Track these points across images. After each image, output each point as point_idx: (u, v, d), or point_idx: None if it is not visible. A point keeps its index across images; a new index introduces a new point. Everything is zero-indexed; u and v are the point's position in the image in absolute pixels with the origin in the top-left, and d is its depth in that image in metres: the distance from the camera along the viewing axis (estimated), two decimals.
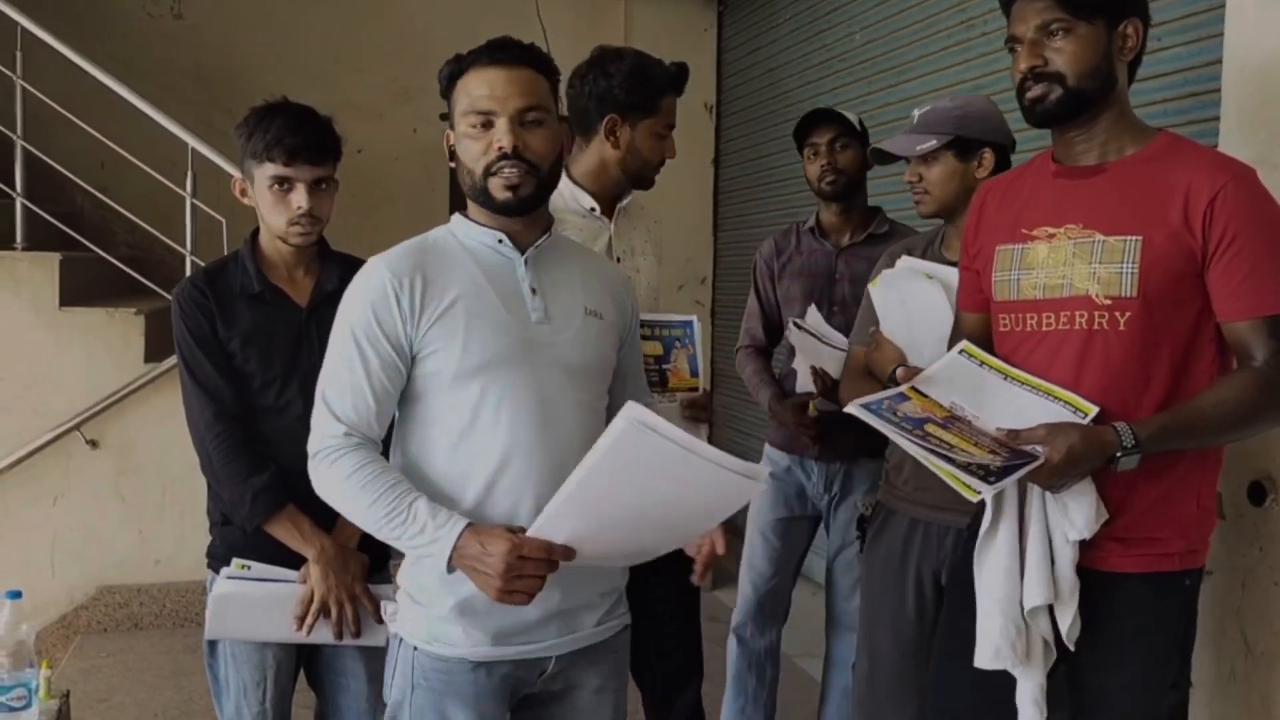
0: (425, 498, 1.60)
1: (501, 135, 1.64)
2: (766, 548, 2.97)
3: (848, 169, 2.83)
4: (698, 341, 2.38)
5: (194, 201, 4.30)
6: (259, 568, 2.06)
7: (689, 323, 2.38)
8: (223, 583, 2.07)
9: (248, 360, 2.09)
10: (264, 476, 2.05)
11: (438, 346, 1.65)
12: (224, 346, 2.09)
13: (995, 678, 1.72)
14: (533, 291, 1.71)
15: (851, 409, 1.70)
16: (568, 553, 1.53)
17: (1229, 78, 2.17)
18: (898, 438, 1.64)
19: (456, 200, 5.72)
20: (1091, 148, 1.76)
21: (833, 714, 2.89)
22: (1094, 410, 1.66)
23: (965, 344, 1.84)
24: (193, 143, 4.27)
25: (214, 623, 2.07)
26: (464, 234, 1.74)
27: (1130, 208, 1.69)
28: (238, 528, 2.09)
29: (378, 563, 2.16)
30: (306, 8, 5.48)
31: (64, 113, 4.29)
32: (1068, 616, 1.68)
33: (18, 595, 1.96)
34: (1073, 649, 1.70)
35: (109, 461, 4.24)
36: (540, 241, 1.75)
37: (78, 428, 4.14)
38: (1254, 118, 2.10)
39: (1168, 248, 1.66)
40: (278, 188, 2.07)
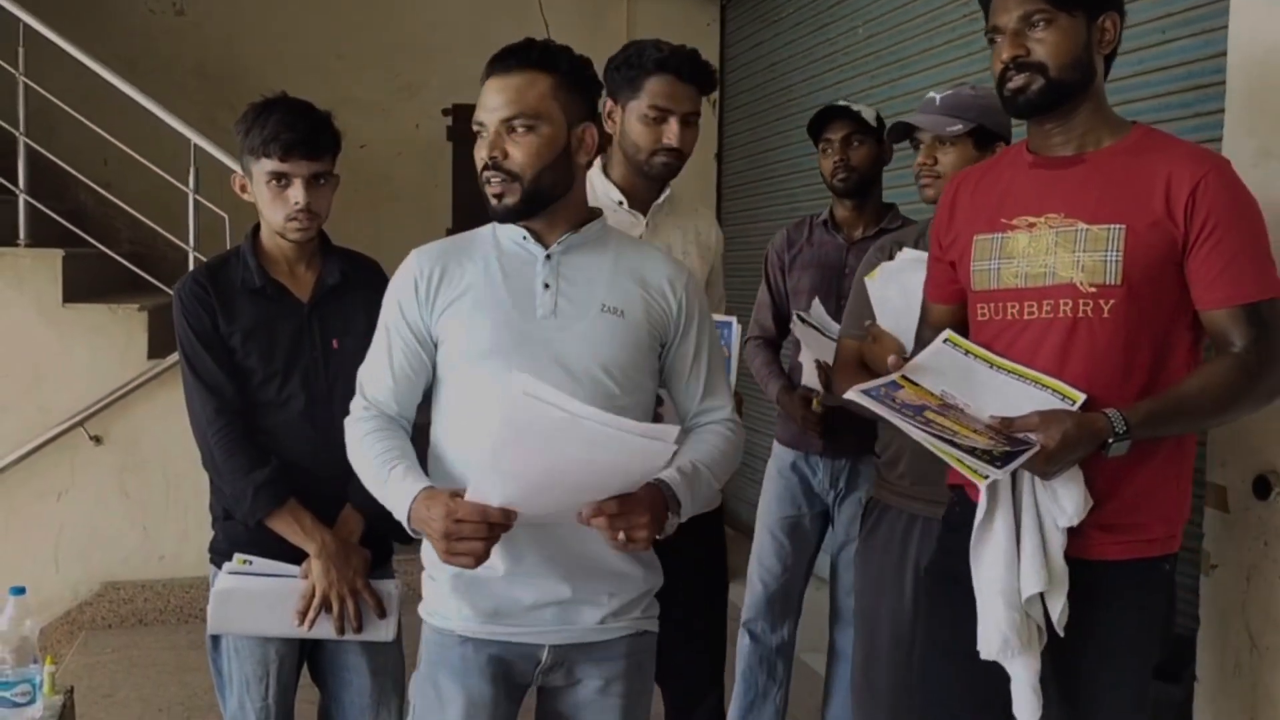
0: (405, 464, 1.70)
1: (482, 147, 1.71)
2: (775, 545, 2.97)
3: (860, 166, 2.83)
4: (735, 345, 2.29)
5: (196, 198, 4.31)
6: (261, 563, 2.07)
7: (728, 324, 2.28)
8: (224, 578, 2.08)
9: (249, 355, 2.09)
10: (265, 471, 2.05)
11: (448, 334, 1.75)
12: (225, 342, 2.09)
13: (983, 666, 1.73)
14: (545, 286, 1.74)
15: (852, 395, 1.70)
16: (506, 515, 1.56)
17: (1233, 71, 2.16)
18: (902, 423, 1.64)
19: (458, 196, 5.76)
20: (1070, 139, 1.78)
21: (837, 708, 2.88)
22: (1081, 397, 1.67)
23: (949, 333, 1.84)
24: (195, 139, 4.27)
25: (216, 618, 2.08)
26: (501, 230, 1.80)
27: (1112, 197, 1.71)
28: (240, 523, 2.09)
29: (379, 558, 2.16)
30: (309, 4, 5.47)
31: (67, 109, 4.29)
32: (1059, 603, 1.69)
33: (22, 591, 1.97)
34: (1062, 634, 1.71)
35: (113, 458, 4.24)
36: (566, 237, 1.76)
37: (82, 424, 4.15)
38: (1258, 111, 2.09)
39: (1150, 236, 1.68)
40: (275, 183, 2.07)
